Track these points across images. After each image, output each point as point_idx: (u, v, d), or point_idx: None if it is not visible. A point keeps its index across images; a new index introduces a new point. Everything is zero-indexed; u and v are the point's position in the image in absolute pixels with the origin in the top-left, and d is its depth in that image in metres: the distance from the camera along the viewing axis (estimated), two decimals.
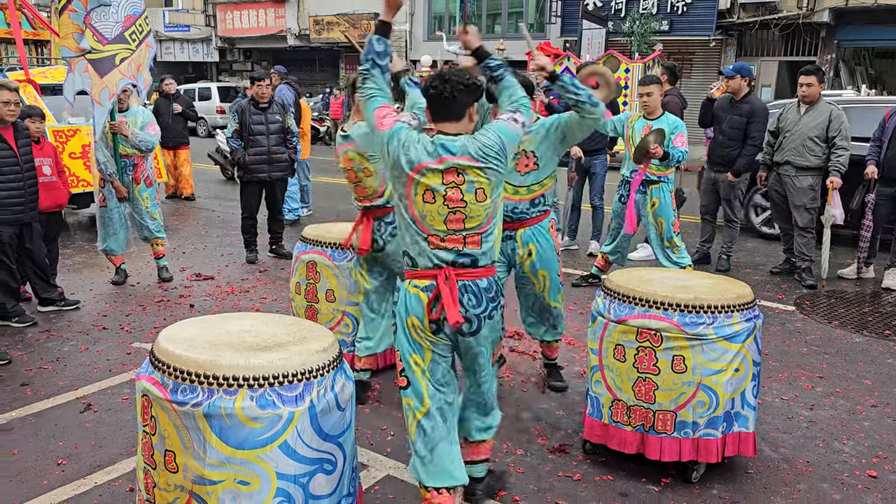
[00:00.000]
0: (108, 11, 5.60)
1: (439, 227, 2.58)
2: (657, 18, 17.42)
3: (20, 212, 5.04)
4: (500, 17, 22.42)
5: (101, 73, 5.62)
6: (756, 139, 6.45)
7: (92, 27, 5.55)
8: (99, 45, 5.59)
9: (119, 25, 5.66)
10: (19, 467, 3.33)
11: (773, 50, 18.14)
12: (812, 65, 6.73)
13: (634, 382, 3.18)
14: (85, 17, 5.54)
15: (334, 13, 24.04)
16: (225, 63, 28.70)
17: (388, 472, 3.32)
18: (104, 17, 5.59)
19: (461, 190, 2.55)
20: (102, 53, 5.61)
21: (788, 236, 6.80)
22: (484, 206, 2.59)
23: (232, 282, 6.41)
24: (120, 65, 5.67)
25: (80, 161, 7.82)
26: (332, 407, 2.43)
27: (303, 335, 2.58)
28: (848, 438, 3.72)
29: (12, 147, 4.95)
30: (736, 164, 6.51)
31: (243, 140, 6.81)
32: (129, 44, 5.74)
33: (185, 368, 2.31)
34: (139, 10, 5.84)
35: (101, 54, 5.61)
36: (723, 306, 3.09)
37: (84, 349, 4.78)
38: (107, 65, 5.63)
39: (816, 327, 5.44)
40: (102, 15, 5.59)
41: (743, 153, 6.50)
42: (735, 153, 6.53)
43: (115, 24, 5.64)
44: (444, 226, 2.58)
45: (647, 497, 3.15)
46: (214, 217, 9.55)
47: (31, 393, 4.12)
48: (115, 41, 5.66)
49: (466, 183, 2.55)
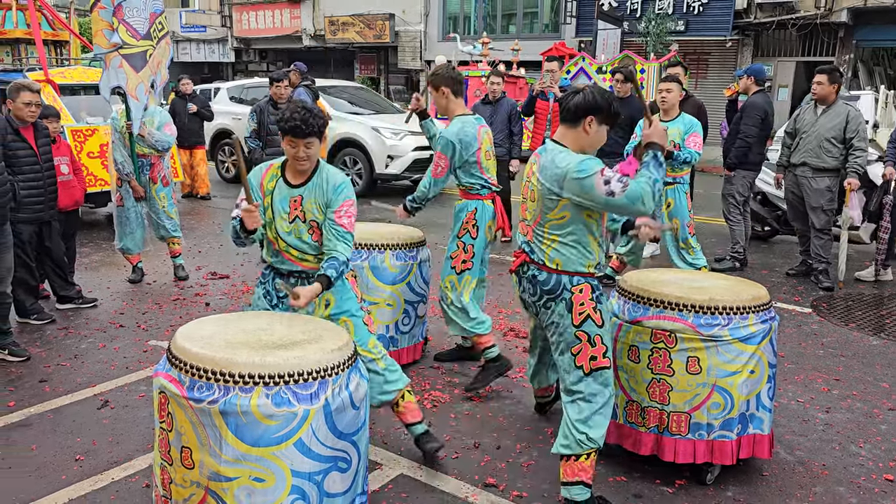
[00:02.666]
0: (138, 7, 5.66)
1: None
2: (673, 18, 17.32)
3: (40, 210, 5.11)
4: (515, 17, 22.39)
5: (137, 68, 5.70)
6: (745, 133, 6.61)
7: (125, 22, 5.61)
8: (133, 40, 5.66)
9: (146, 22, 5.73)
10: (38, 462, 3.37)
11: (790, 50, 17.98)
12: (828, 65, 6.69)
13: (649, 383, 3.17)
14: (115, 11, 5.60)
15: (349, 14, 24.10)
16: (241, 63, 28.85)
17: (401, 470, 3.33)
18: (135, 13, 5.66)
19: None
20: (136, 49, 5.69)
21: (805, 238, 6.75)
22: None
23: (247, 281, 6.45)
24: (150, 61, 5.76)
25: (97, 160, 7.90)
26: (346, 405, 2.44)
27: (318, 334, 2.60)
28: (865, 442, 3.69)
29: (32, 147, 5.01)
30: (728, 157, 6.68)
31: (261, 140, 6.87)
32: (152, 40, 5.82)
33: (201, 366, 2.34)
34: (160, 7, 5.91)
35: (135, 49, 5.69)
36: (738, 307, 3.08)
37: (101, 346, 4.83)
38: (139, 60, 5.72)
39: (833, 329, 5.40)
40: (134, 10, 5.66)
41: (734, 146, 6.67)
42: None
43: (144, 21, 5.71)
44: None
45: (661, 499, 3.14)
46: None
47: (49, 389, 4.17)
48: (145, 37, 5.74)
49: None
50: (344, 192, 3.08)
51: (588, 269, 2.93)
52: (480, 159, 4.16)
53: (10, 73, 9.40)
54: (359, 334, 3.19)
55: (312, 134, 2.96)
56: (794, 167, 6.48)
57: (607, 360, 2.93)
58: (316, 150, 3.05)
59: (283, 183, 3.12)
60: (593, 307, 2.90)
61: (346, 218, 3.06)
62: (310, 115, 2.94)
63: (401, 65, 23.49)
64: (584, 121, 2.84)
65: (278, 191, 3.11)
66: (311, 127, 2.94)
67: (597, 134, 2.88)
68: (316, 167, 3.12)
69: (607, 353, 2.94)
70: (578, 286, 2.90)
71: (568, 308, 2.90)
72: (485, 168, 4.20)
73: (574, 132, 2.89)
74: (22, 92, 4.86)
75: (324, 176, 3.11)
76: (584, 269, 2.92)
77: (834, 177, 6.29)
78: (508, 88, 10.34)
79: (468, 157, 4.10)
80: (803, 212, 6.54)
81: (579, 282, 2.91)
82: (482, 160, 4.17)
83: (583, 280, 2.92)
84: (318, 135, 3.00)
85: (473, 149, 4.11)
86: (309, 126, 2.93)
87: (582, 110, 2.83)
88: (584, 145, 2.89)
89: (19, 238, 4.91)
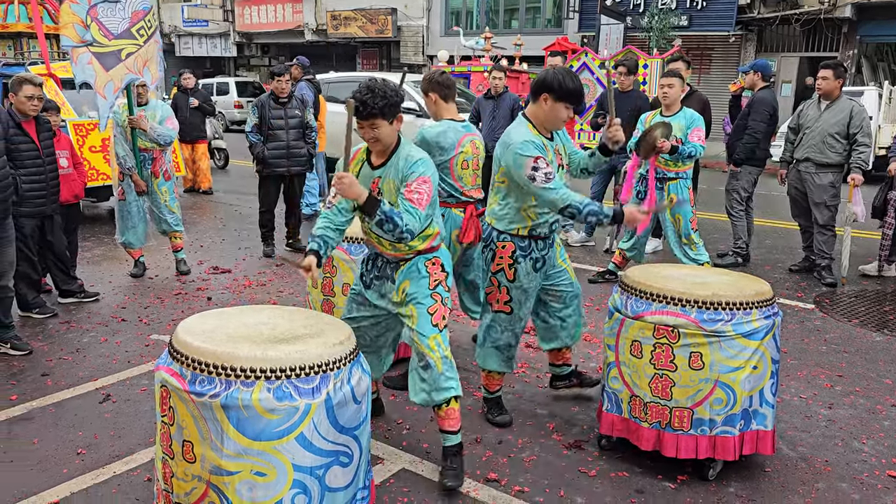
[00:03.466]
0: (116, 8, 5.66)
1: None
2: (676, 13, 17.27)
3: (42, 204, 5.10)
4: (517, 11, 22.34)
5: (107, 67, 5.69)
6: (753, 129, 6.58)
7: (98, 21, 5.61)
8: (104, 40, 5.65)
9: (126, 21, 5.71)
10: (40, 456, 3.37)
11: (793, 46, 17.93)
12: (832, 60, 6.66)
13: (651, 379, 3.16)
14: (90, 10, 5.59)
15: (351, 8, 24.07)
16: (243, 58, 28.86)
17: (403, 465, 3.33)
18: (111, 13, 5.65)
19: None
20: (108, 48, 5.67)
21: (808, 234, 6.73)
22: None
23: (249, 275, 6.45)
24: (126, 59, 5.73)
25: (99, 154, 7.89)
26: (348, 400, 2.44)
27: (320, 328, 2.60)
28: (867, 438, 3.68)
29: (34, 140, 5.00)
30: (735, 153, 6.66)
31: (263, 135, 6.85)
32: (135, 39, 5.78)
33: (203, 360, 2.33)
34: (147, 5, 5.88)
35: (107, 49, 5.66)
36: (741, 303, 3.06)
37: (103, 340, 4.83)
38: (112, 59, 5.69)
39: (836, 325, 5.38)
40: (109, 11, 5.64)
41: (742, 142, 6.63)
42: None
43: (122, 20, 5.69)
44: None
45: (662, 494, 3.14)
46: (232, 211, 9.61)
47: (51, 383, 4.17)
48: (122, 36, 5.71)
49: None
50: (417, 169, 2.91)
51: (518, 231, 3.39)
52: (454, 166, 4.06)
53: (12, 66, 9.39)
54: (420, 324, 3.06)
55: (374, 115, 2.82)
56: (798, 163, 6.46)
57: (508, 307, 3.49)
58: (385, 131, 2.89)
59: (367, 165, 3.04)
60: (509, 264, 3.42)
61: (415, 193, 2.87)
62: (370, 96, 2.80)
63: (403, 60, 23.46)
64: (539, 97, 3.27)
65: (362, 174, 3.03)
66: (370, 108, 2.80)
67: (552, 110, 3.25)
68: (396, 147, 2.99)
69: (509, 302, 3.48)
70: (502, 243, 3.42)
71: (491, 257, 3.48)
72: (458, 176, 4.10)
73: (534, 107, 3.33)
74: (24, 85, 4.84)
75: (402, 155, 2.97)
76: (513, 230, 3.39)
77: (837, 172, 6.27)
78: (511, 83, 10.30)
79: (439, 161, 3.97)
80: (806, 207, 6.52)
81: (505, 239, 3.41)
82: (455, 168, 4.07)
83: (508, 239, 3.41)
84: (384, 115, 2.85)
85: (448, 155, 4.02)
86: (367, 107, 2.81)
87: (538, 87, 3.28)
88: (542, 120, 3.31)
89: (21, 232, 4.91)
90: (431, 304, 3.09)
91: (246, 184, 11.56)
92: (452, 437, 3.16)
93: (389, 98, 2.84)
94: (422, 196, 2.88)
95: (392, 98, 2.85)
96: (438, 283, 3.13)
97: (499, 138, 3.44)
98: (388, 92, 2.84)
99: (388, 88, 2.85)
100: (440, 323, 3.10)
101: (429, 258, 3.13)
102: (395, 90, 2.88)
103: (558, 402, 4.01)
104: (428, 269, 3.11)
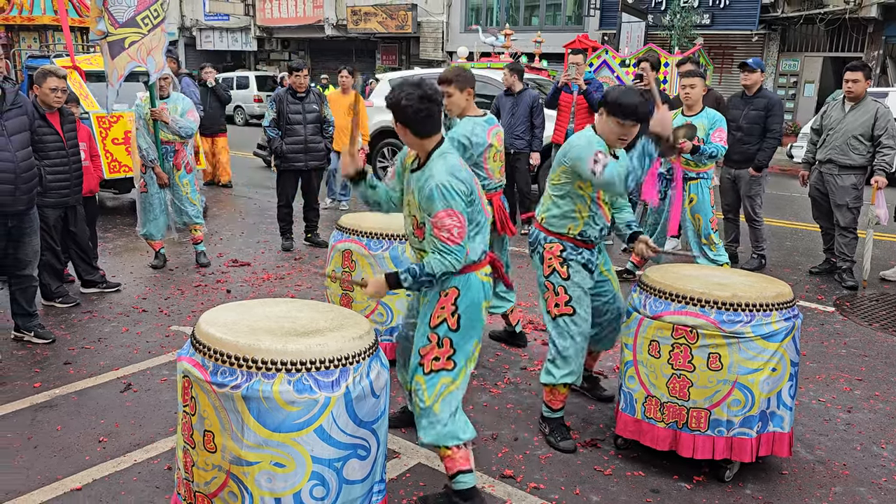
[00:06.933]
0: None
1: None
2: (698, 12, 17.12)
3: (66, 195, 5.17)
4: (538, 8, 22.25)
5: (112, 55, 5.79)
6: (776, 131, 6.43)
7: (108, 11, 5.70)
8: (112, 28, 5.75)
9: (132, 10, 5.77)
10: (62, 443, 3.43)
11: (817, 45, 17.72)
12: (858, 61, 6.57)
13: (669, 379, 3.16)
14: (103, 0, 5.68)
15: (371, 4, 24.09)
16: (263, 52, 28.98)
17: (419, 460, 3.35)
18: (118, 2, 5.73)
19: None
20: (115, 36, 5.78)
21: (829, 236, 6.66)
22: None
23: (268, 269, 6.50)
24: (129, 48, 5.80)
25: (122, 147, 7.97)
26: (367, 394, 2.46)
27: (340, 322, 2.62)
28: (887, 442, 3.65)
29: (58, 132, 5.07)
30: (757, 158, 6.46)
31: (280, 129, 6.90)
32: (139, 28, 5.83)
33: (225, 351, 2.36)
34: None
35: (114, 37, 5.77)
36: (761, 305, 3.05)
37: (125, 330, 4.90)
38: (116, 48, 5.80)
39: (856, 329, 5.33)
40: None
41: (763, 147, 6.46)
42: (755, 148, 6.48)
43: (128, 9, 5.77)
44: None
45: (678, 494, 3.13)
46: (251, 204, 9.67)
47: (73, 372, 4.23)
48: (126, 25, 5.78)
49: None
50: (435, 202, 2.63)
51: (569, 231, 3.38)
52: (486, 160, 4.28)
53: (38, 59, 9.51)
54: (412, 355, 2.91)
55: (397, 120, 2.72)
56: (820, 164, 6.39)
57: (569, 308, 3.39)
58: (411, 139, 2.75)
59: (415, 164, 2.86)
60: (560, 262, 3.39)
61: (444, 231, 2.63)
62: (401, 96, 2.67)
63: (423, 56, 23.46)
64: (601, 109, 3.34)
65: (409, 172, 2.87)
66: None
67: (605, 123, 3.28)
68: (430, 155, 2.75)
69: (570, 302, 3.40)
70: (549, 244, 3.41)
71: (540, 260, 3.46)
72: (490, 169, 4.32)
73: (598, 118, 3.39)
74: (48, 78, 4.91)
75: (428, 171, 2.71)
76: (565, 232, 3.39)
77: (860, 174, 6.20)
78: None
79: (472, 156, 4.14)
80: (828, 209, 6.45)
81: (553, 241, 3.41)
82: (488, 160, 4.29)
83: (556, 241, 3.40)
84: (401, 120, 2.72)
85: (481, 149, 4.19)
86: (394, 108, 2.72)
87: (600, 100, 3.38)
88: (600, 132, 3.34)
89: (45, 222, 4.98)
90: (423, 346, 2.82)
91: (265, 178, 11.64)
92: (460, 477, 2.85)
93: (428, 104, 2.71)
94: (451, 231, 2.63)
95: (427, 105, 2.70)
96: (442, 322, 2.79)
97: (517, 135, 3.51)
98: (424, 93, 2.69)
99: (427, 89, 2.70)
100: (427, 365, 2.80)
101: (446, 288, 2.79)
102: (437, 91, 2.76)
103: (575, 400, 4.01)
104: (439, 299, 2.81)
